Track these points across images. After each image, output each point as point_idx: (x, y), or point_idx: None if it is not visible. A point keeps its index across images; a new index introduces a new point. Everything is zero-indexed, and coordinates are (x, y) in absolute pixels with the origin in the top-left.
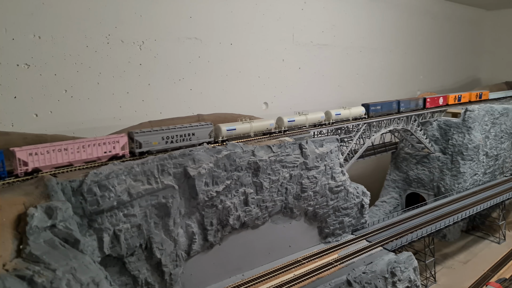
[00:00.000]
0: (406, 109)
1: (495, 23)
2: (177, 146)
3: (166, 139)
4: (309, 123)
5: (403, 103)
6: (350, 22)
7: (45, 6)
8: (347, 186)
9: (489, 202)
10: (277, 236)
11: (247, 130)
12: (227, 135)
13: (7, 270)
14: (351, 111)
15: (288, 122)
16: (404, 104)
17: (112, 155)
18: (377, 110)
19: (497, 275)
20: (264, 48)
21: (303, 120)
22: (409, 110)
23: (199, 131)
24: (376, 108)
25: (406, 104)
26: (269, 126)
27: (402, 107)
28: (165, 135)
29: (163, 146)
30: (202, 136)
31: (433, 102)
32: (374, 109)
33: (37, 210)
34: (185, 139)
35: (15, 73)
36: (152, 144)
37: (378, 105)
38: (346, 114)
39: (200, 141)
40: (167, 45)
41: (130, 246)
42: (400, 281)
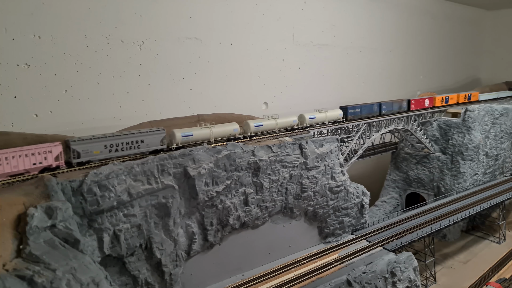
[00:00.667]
0: (388, 112)
1: (495, 23)
2: (124, 155)
3: (109, 148)
4: (280, 127)
5: (385, 105)
6: (350, 22)
7: (45, 6)
8: (347, 186)
9: (489, 202)
10: (277, 236)
11: (207, 136)
12: (183, 142)
13: (7, 270)
14: (327, 114)
15: (256, 127)
16: (386, 107)
17: (43, 167)
18: (356, 113)
19: (497, 275)
20: (264, 48)
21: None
22: (391, 112)
23: (149, 138)
24: (355, 111)
25: (388, 106)
26: (233, 132)
27: (384, 110)
28: (108, 143)
29: (106, 155)
30: (153, 143)
31: (418, 104)
32: (352, 112)
33: (37, 210)
34: (132, 146)
35: (15, 73)
36: (93, 153)
37: (357, 107)
38: (322, 118)
39: (150, 149)
40: (167, 45)
41: (130, 246)
42: (400, 281)
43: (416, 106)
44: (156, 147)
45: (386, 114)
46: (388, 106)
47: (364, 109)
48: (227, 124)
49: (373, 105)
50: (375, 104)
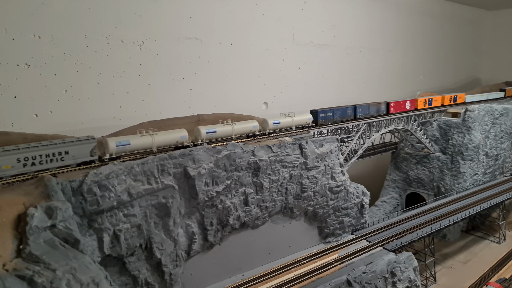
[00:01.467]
0: (364, 115)
1: (495, 23)
2: (43, 169)
3: (24, 161)
4: (238, 133)
5: (360, 108)
6: (350, 22)
7: (45, 6)
8: (347, 186)
9: (489, 202)
10: (277, 236)
11: (148, 144)
12: (119, 152)
13: (7, 270)
14: (294, 119)
15: (208, 134)
16: (362, 110)
17: None
18: (327, 117)
19: (497, 275)
20: (264, 48)
21: (228, 131)
22: (368, 116)
23: (76, 148)
24: (327, 115)
25: (364, 109)
26: (180, 139)
27: (359, 113)
28: (22, 155)
29: (20, 170)
30: (80, 154)
31: (398, 107)
32: (323, 116)
33: (37, 210)
34: (54, 159)
35: (15, 73)
36: (3, 169)
37: (329, 111)
38: (288, 123)
39: (77, 161)
40: (167, 45)
41: (130, 246)
42: (400, 281)
43: (396, 109)
44: (85, 159)
45: (362, 118)
46: (364, 109)
47: (337, 112)
48: (173, 131)
49: (347, 108)
50: (349, 107)
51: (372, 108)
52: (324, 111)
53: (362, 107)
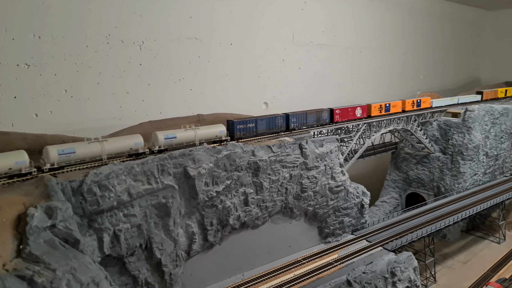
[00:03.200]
0: (299, 125)
1: (495, 23)
2: None
3: None
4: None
5: (295, 117)
6: (350, 22)
7: (45, 6)
8: (347, 186)
9: (489, 202)
10: (277, 236)
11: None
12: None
13: (7, 270)
14: (199, 132)
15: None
16: (296, 119)
17: None
18: (248, 129)
19: (497, 275)
20: (264, 48)
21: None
22: (304, 126)
23: None
24: (247, 127)
25: (299, 119)
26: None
27: (294, 123)
28: None
29: None
30: None
31: (345, 115)
32: (242, 127)
33: (37, 210)
34: None
35: (15, 73)
36: None
37: (251, 121)
38: (187, 137)
39: None
40: (167, 45)
41: (130, 246)
42: (400, 281)
43: (343, 116)
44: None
45: (296, 128)
46: (299, 119)
47: (261, 123)
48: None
49: (276, 118)
50: (279, 117)
51: (311, 117)
52: (243, 122)
53: (297, 116)
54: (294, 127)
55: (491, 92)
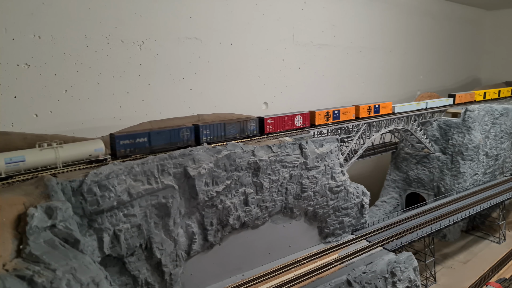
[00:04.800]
0: (214, 138)
1: (495, 23)
2: None
3: None
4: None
5: (208, 129)
6: (350, 22)
7: (45, 6)
8: (347, 186)
9: (489, 202)
10: (277, 236)
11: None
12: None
13: (7, 270)
14: (61, 152)
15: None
16: (210, 131)
17: None
18: (138, 144)
19: (497, 275)
20: (264, 48)
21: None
22: (223, 140)
23: None
24: (136, 142)
25: (214, 130)
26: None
27: (206, 136)
28: None
29: None
30: None
31: (280, 125)
32: (128, 143)
33: (37, 210)
34: None
35: (15, 73)
36: None
37: (142, 135)
38: (46, 159)
39: None
40: (167, 45)
41: (130, 246)
42: (400, 281)
43: (277, 127)
44: None
45: (212, 142)
46: (214, 131)
47: (158, 137)
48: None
49: (179, 130)
50: (184, 129)
51: (232, 128)
52: (130, 136)
53: (211, 127)
54: (207, 140)
55: (465, 95)
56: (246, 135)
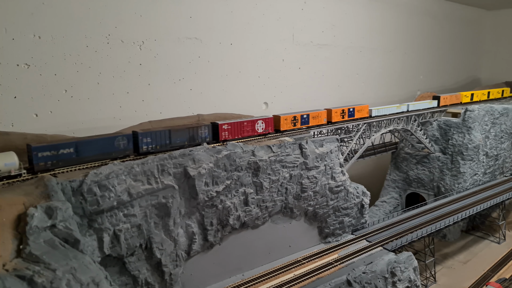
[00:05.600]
0: (157, 147)
1: (495, 23)
2: None
3: None
4: None
5: (149, 137)
6: (350, 22)
7: (45, 6)
8: (347, 186)
9: (489, 202)
10: (277, 236)
11: None
12: None
13: (7, 270)
14: None
15: None
16: (152, 139)
17: None
18: (62, 156)
19: (497, 275)
20: (264, 48)
21: None
22: (166, 149)
23: None
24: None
25: (157, 138)
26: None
27: (146, 145)
28: None
29: None
30: None
31: (238, 131)
32: (47, 156)
33: (37, 210)
34: None
35: (15, 73)
36: None
37: (67, 145)
38: None
39: None
40: (167, 45)
41: (130, 246)
42: (400, 281)
43: (234, 133)
44: None
45: (155, 151)
46: (157, 139)
47: (87, 148)
48: None
49: (115, 138)
50: (120, 137)
51: (179, 136)
52: (53, 147)
53: (153, 135)
54: (149, 149)
55: (450, 97)
56: (197, 143)
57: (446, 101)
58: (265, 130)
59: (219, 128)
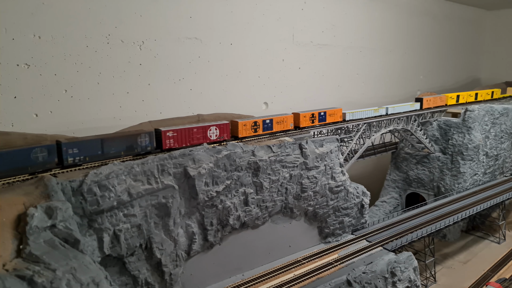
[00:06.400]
0: (85, 159)
1: (495, 23)
2: None
3: None
4: None
5: (76, 147)
6: (350, 22)
7: (45, 6)
8: (347, 186)
9: (489, 202)
10: (277, 236)
11: None
12: None
13: (7, 270)
14: None
15: None
16: (80, 150)
17: None
18: None
19: (497, 275)
20: (264, 48)
21: None
22: (99, 159)
23: None
24: None
25: (86, 149)
26: None
27: (72, 156)
28: None
29: None
30: None
31: (185, 139)
32: None
33: (37, 210)
34: None
35: (15, 73)
36: None
37: None
38: None
39: None
40: (167, 45)
41: (130, 246)
42: (400, 281)
43: (182, 141)
44: None
45: (84, 162)
46: (87, 150)
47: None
48: None
49: (31, 150)
50: (38, 148)
51: (113, 145)
52: None
53: (81, 145)
54: (76, 161)
55: (434, 99)
56: (136, 152)
57: (429, 104)
58: (220, 137)
59: (163, 135)
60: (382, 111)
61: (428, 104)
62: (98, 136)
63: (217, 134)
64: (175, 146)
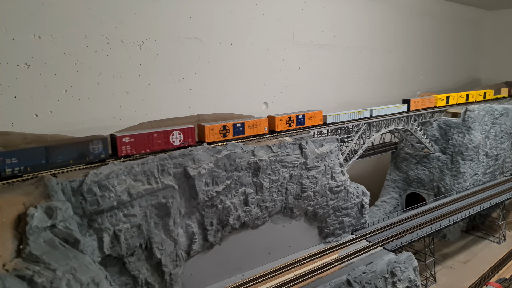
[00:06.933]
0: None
1: (495, 23)
2: None
3: None
4: None
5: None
6: (350, 22)
7: (45, 6)
8: (347, 186)
9: (489, 202)
10: (277, 236)
11: None
12: None
13: (7, 270)
14: None
15: None
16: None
17: None
18: None
19: (497, 275)
20: (264, 48)
21: None
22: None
23: None
24: None
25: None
26: None
27: (10, 167)
28: None
29: None
30: None
31: (144, 144)
32: None
33: (37, 210)
34: None
35: (15, 73)
36: None
37: None
38: None
39: None
40: (167, 45)
41: (130, 246)
42: (400, 281)
43: (140, 147)
44: None
45: (25, 173)
46: (28, 159)
47: None
48: None
49: None
50: None
51: (61, 153)
52: None
53: (21, 154)
54: (16, 172)
55: (422, 100)
56: (88, 160)
57: (417, 105)
58: (184, 142)
59: (118, 141)
60: (366, 113)
61: (416, 105)
62: (42, 143)
63: (181, 139)
64: (132, 153)
